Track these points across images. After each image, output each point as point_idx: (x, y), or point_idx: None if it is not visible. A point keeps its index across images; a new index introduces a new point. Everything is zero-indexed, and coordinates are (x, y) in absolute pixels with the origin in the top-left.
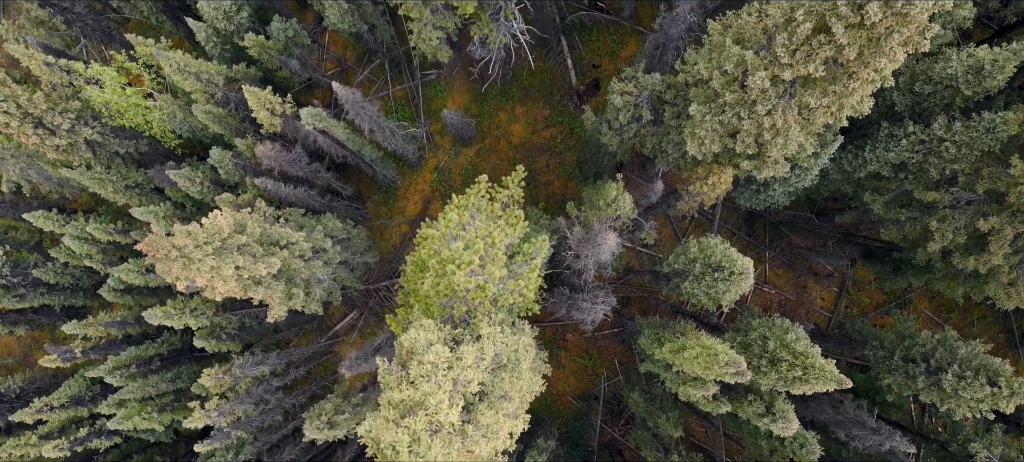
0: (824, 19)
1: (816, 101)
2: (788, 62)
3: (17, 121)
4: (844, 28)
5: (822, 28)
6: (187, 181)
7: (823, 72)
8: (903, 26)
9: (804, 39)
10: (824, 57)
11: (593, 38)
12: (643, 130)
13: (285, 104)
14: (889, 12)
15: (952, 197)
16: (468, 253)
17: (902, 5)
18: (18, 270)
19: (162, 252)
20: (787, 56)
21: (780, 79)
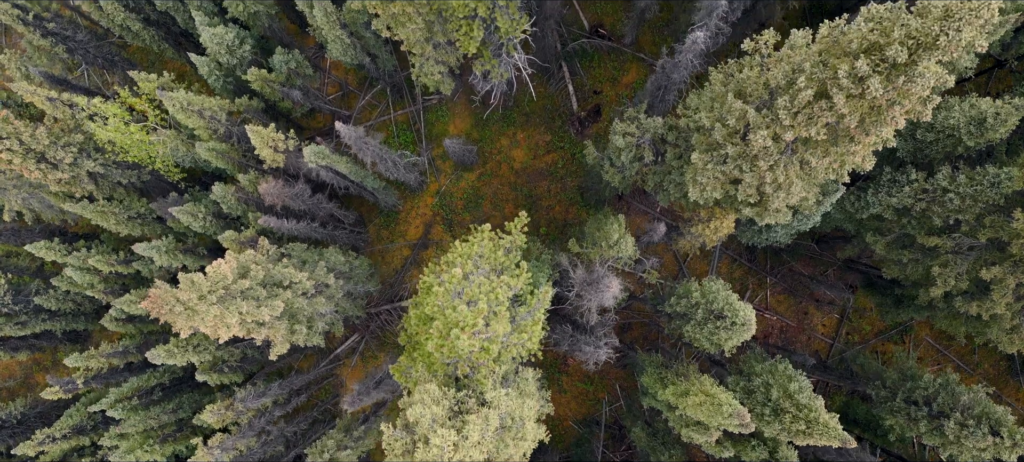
0: (825, 86)
1: (817, 160)
2: (789, 124)
3: (20, 158)
4: (845, 98)
5: (824, 94)
6: (190, 217)
7: (825, 136)
8: (905, 98)
9: (805, 103)
10: (826, 122)
11: (594, 64)
12: (645, 169)
13: (288, 140)
14: (891, 86)
15: (954, 243)
16: (472, 314)
17: (904, 82)
18: (20, 297)
19: (166, 307)
20: (788, 118)
21: (782, 138)
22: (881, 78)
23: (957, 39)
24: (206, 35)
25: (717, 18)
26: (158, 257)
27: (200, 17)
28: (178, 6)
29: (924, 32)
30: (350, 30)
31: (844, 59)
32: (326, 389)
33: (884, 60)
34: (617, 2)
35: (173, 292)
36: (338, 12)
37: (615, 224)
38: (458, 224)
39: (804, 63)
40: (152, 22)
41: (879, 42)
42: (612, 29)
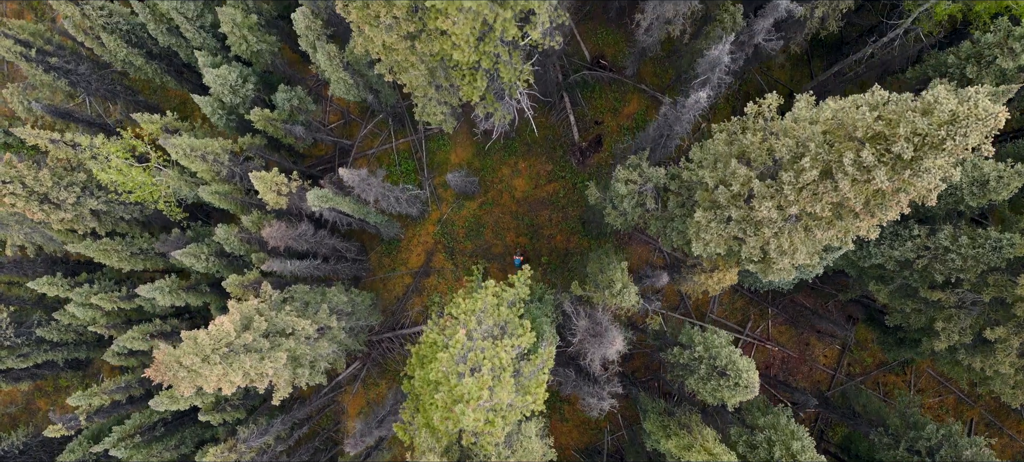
0: (830, 166)
1: (822, 232)
2: (794, 199)
3: (24, 200)
4: (850, 183)
5: (828, 173)
6: (193, 258)
7: (829, 213)
8: (911, 187)
9: (810, 181)
10: (830, 202)
11: (595, 95)
12: (647, 214)
13: (292, 182)
14: (896, 177)
15: (958, 298)
16: (476, 385)
17: (909, 176)
18: (22, 330)
19: (170, 373)
20: (793, 193)
21: (786, 210)
22: (886, 168)
23: (964, 143)
24: (209, 76)
25: (720, 72)
26: (161, 297)
27: (203, 58)
28: (181, 42)
29: (930, 133)
30: (353, 69)
31: (849, 145)
32: (328, 416)
33: (889, 151)
34: (619, 33)
35: (176, 355)
36: (341, 54)
37: (618, 271)
38: (459, 252)
39: (809, 142)
40: (154, 56)
41: (884, 133)
42: (613, 60)
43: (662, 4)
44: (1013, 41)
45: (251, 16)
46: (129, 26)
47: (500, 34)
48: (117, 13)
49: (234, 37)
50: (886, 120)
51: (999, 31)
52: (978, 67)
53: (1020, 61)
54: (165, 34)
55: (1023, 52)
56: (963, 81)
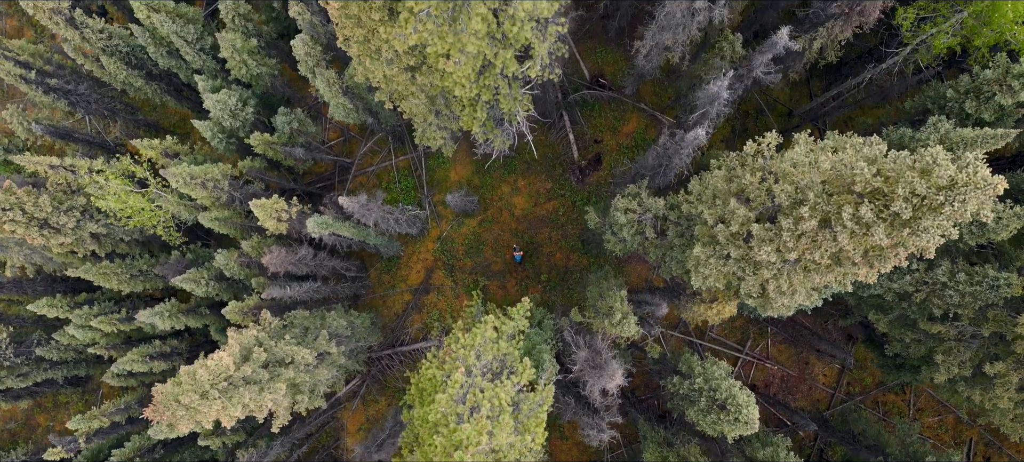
0: (829, 216)
1: (821, 276)
2: (793, 246)
3: (23, 227)
4: (849, 236)
5: (827, 223)
6: (193, 283)
7: (829, 260)
8: (909, 243)
9: (809, 230)
10: (829, 251)
11: (595, 113)
12: (646, 242)
13: (292, 208)
14: (895, 234)
15: (957, 331)
16: (475, 429)
17: (908, 233)
18: (21, 349)
19: (169, 412)
20: (792, 240)
21: (785, 256)
22: (885, 225)
23: (962, 209)
24: (209, 101)
25: (719, 105)
26: (161, 322)
27: (203, 83)
28: (181, 64)
29: (929, 196)
30: (352, 93)
31: (848, 197)
32: (328, 433)
33: (888, 207)
34: (618, 52)
35: (174, 394)
36: (340, 80)
37: (618, 300)
38: (459, 269)
39: (808, 190)
40: (154, 76)
41: (883, 189)
42: (613, 79)
43: (661, 32)
44: (1012, 79)
45: (251, 40)
46: (129, 48)
47: (500, 69)
48: (117, 35)
49: (234, 61)
50: (885, 176)
51: (998, 67)
52: (977, 102)
53: (1019, 98)
54: (165, 56)
55: (1021, 89)
56: (962, 116)
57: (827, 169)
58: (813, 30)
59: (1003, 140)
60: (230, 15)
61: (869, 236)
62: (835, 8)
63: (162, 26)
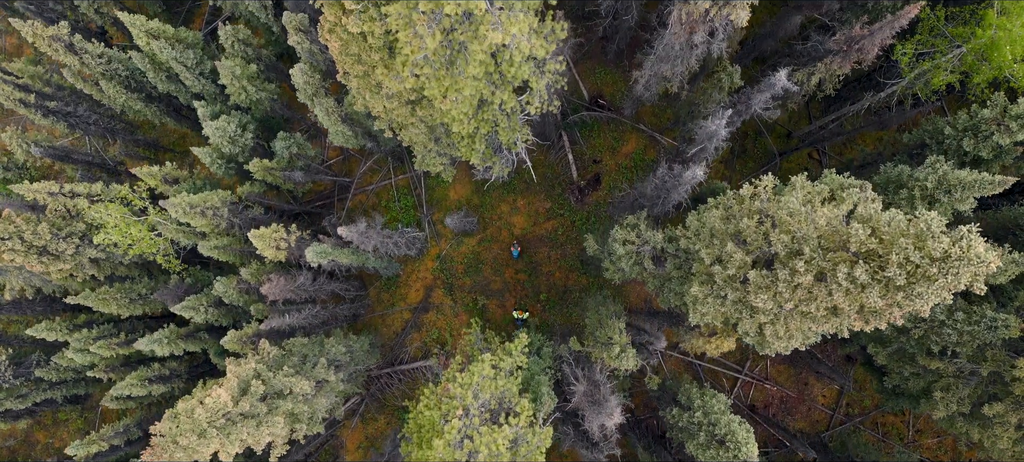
0: (825, 271)
1: (818, 325)
2: (789, 297)
3: (23, 255)
4: (844, 295)
5: (823, 277)
6: (192, 311)
7: (825, 312)
8: (905, 305)
9: (805, 283)
10: (825, 305)
11: (594, 134)
12: (645, 273)
13: (290, 236)
14: (889, 297)
15: (956, 368)
16: None
17: (903, 297)
18: (20, 371)
19: (167, 454)
20: (788, 291)
21: (782, 305)
22: (880, 287)
23: (955, 282)
24: (209, 128)
25: (717, 141)
26: (160, 349)
27: (202, 109)
28: (180, 88)
29: (923, 265)
30: (352, 120)
31: (843, 256)
32: (327, 452)
33: (883, 269)
34: (617, 73)
35: (172, 433)
36: (339, 108)
37: (616, 330)
38: (458, 288)
39: (804, 243)
40: (154, 99)
41: (878, 251)
42: (612, 99)
43: (659, 63)
44: (1010, 119)
45: (250, 66)
46: (128, 71)
47: (499, 105)
48: (116, 59)
49: (233, 88)
50: (879, 237)
51: (996, 106)
52: (975, 141)
53: (1016, 138)
54: (164, 81)
55: (1020, 130)
56: (960, 153)
57: (823, 226)
58: (811, 64)
59: (1000, 186)
60: (229, 40)
61: (864, 295)
62: (833, 44)
63: (161, 53)
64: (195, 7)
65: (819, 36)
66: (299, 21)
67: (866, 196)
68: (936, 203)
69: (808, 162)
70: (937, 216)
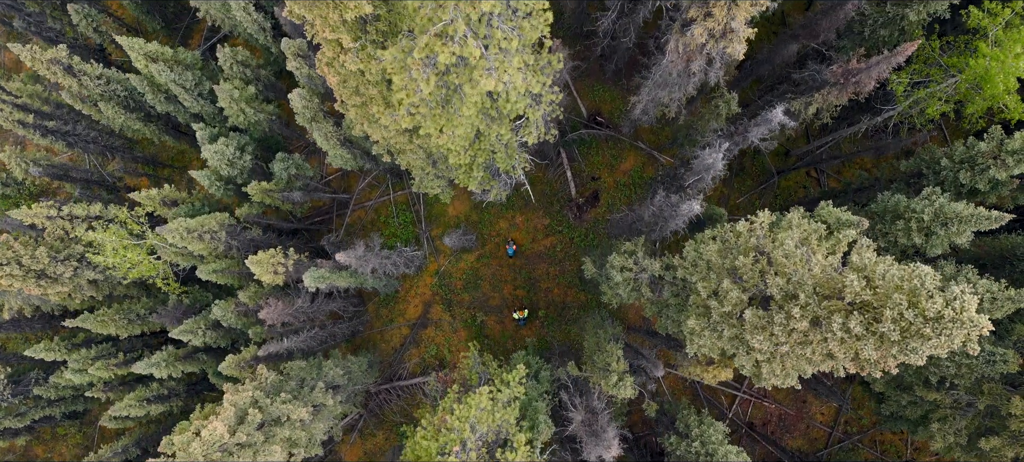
0: (820, 319)
1: (813, 366)
2: (784, 341)
3: (20, 280)
4: (839, 343)
5: (818, 323)
6: (190, 335)
7: (820, 356)
8: (899, 357)
9: (801, 328)
10: (820, 351)
11: (592, 151)
12: (643, 298)
13: (288, 260)
14: (883, 348)
15: (953, 399)
16: None
17: (897, 351)
18: (19, 389)
19: None
20: (783, 334)
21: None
22: (874, 339)
23: (949, 342)
24: (207, 152)
25: (714, 173)
26: (158, 372)
27: (201, 132)
28: (179, 109)
29: (916, 323)
30: (350, 144)
31: (838, 305)
32: None
33: (878, 320)
34: (615, 90)
35: None
36: (337, 132)
37: (614, 358)
38: (457, 304)
39: (799, 290)
40: (152, 118)
41: (872, 303)
42: (610, 116)
43: (657, 89)
44: (1006, 154)
45: (249, 88)
46: (127, 91)
47: (495, 137)
48: (115, 80)
49: (232, 111)
50: (874, 289)
51: (992, 140)
52: (971, 173)
53: (1013, 172)
54: (163, 102)
55: (1016, 165)
56: (956, 186)
57: (818, 274)
58: (809, 94)
59: (997, 223)
60: (228, 63)
61: (859, 345)
62: (830, 76)
63: (160, 75)
64: (194, 23)
65: (816, 65)
66: (298, 47)
67: (862, 244)
68: (933, 235)
69: (806, 180)
70: (931, 272)
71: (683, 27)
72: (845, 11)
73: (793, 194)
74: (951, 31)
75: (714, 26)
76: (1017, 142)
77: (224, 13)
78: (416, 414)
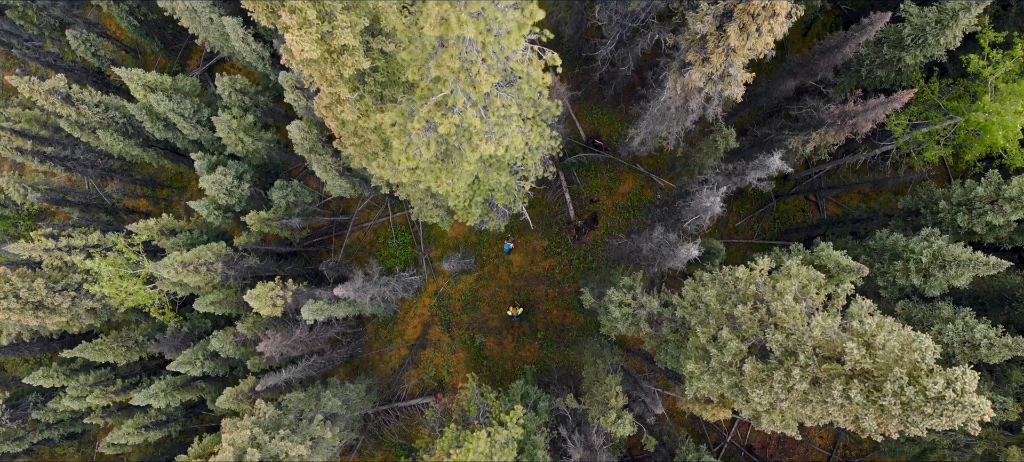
0: (820, 379)
1: (813, 422)
2: (784, 398)
3: (18, 313)
4: (839, 408)
5: (819, 382)
6: (188, 365)
7: (820, 415)
8: (899, 428)
9: (800, 389)
10: (821, 411)
11: (591, 174)
12: (641, 332)
13: (287, 291)
14: (884, 418)
15: (951, 440)
16: None
17: (898, 422)
18: (17, 413)
19: None
20: (783, 392)
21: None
22: (875, 409)
23: (949, 421)
24: (205, 182)
25: (712, 213)
26: (156, 402)
27: (199, 162)
28: (178, 135)
29: (916, 400)
30: (349, 173)
31: (839, 369)
32: None
33: (879, 390)
34: (614, 113)
35: None
36: (336, 163)
37: (613, 393)
38: (456, 325)
39: (799, 351)
40: (151, 143)
41: (872, 372)
42: (609, 139)
43: (655, 124)
44: (1004, 200)
45: (247, 117)
46: (125, 118)
47: (494, 181)
48: (113, 106)
49: (230, 140)
50: (873, 358)
51: (989, 184)
52: (969, 216)
53: (1010, 217)
54: (162, 129)
55: (1013, 212)
56: (954, 229)
57: (818, 336)
58: (806, 132)
59: (995, 269)
60: (226, 91)
61: (859, 411)
62: (827, 116)
63: (159, 105)
64: (193, 44)
65: (814, 101)
66: (296, 79)
67: (862, 305)
68: (931, 277)
69: (805, 204)
70: (931, 345)
71: (681, 68)
72: (843, 54)
73: (792, 217)
74: (951, 73)
75: (712, 71)
76: (1015, 189)
77: (222, 42)
78: (415, 442)
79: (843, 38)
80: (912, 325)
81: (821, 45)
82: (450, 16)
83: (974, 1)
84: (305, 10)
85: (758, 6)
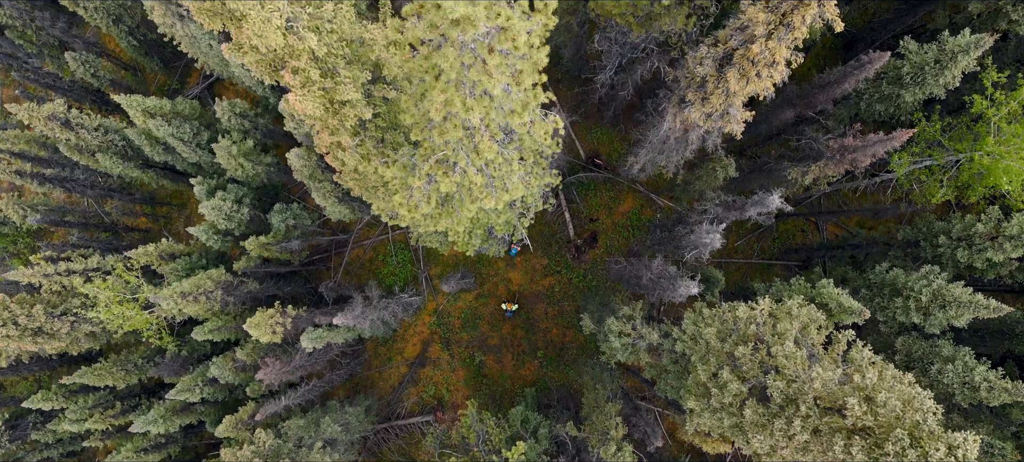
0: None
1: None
2: (784, 445)
3: (17, 339)
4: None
5: (820, 432)
6: (187, 393)
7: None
8: None
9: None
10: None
11: (590, 193)
12: (641, 361)
13: (286, 317)
14: None
15: None
16: None
17: None
18: (16, 434)
19: None
20: (784, 440)
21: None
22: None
23: None
24: (205, 208)
25: (712, 247)
26: (156, 428)
27: (198, 187)
28: (178, 158)
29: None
30: (349, 199)
31: (840, 423)
32: None
33: (880, 446)
34: (613, 132)
35: None
36: (336, 189)
37: (614, 426)
38: (455, 342)
39: (800, 401)
40: (151, 165)
41: (874, 429)
42: (608, 158)
43: (654, 153)
44: (1004, 238)
45: (247, 142)
46: (124, 141)
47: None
48: (112, 129)
49: (230, 165)
50: (875, 416)
51: (989, 221)
52: (969, 252)
53: (1011, 255)
54: (161, 152)
55: (1013, 250)
56: (954, 263)
57: (819, 388)
58: (805, 163)
59: (996, 312)
60: (226, 115)
61: None
62: (826, 149)
63: (158, 130)
64: (193, 63)
65: (813, 132)
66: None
67: (863, 357)
68: (931, 316)
69: (805, 225)
70: (933, 406)
71: (681, 103)
72: (842, 88)
73: (792, 238)
74: (951, 104)
75: (711, 110)
76: (1015, 227)
77: (222, 66)
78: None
79: (842, 73)
80: (912, 362)
81: (820, 79)
82: (456, 101)
83: (974, 44)
84: (308, 71)
85: (757, 52)
